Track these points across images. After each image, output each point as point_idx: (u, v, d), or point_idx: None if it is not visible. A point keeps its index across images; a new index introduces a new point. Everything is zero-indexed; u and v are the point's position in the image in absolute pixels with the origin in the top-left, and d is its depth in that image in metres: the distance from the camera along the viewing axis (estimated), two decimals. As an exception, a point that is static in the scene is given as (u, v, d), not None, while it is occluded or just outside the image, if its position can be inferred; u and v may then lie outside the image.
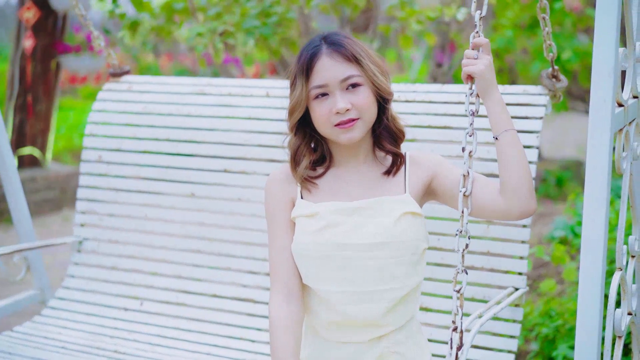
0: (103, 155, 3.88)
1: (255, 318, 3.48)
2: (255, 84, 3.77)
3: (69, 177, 8.37)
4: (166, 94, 3.86)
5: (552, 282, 4.18)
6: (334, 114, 2.41)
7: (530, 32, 6.89)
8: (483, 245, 3.16)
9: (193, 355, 3.37)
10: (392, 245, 2.39)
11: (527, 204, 2.35)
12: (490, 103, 2.41)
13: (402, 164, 2.51)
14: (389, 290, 2.41)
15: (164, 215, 3.73)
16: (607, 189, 2.25)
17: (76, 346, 3.44)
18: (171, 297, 3.64)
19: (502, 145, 2.39)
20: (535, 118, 3.18)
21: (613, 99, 2.27)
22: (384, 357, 2.46)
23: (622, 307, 2.55)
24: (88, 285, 3.80)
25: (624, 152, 2.47)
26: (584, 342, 2.24)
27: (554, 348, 3.87)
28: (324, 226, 2.41)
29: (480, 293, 3.16)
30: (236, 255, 3.58)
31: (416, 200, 2.47)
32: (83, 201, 3.89)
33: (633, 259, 2.70)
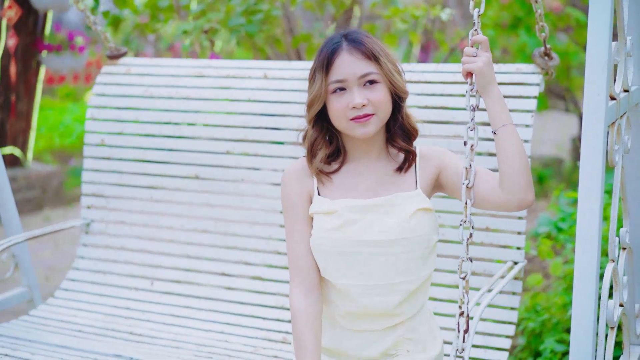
0: (105, 139, 3.96)
1: (264, 295, 3.61)
2: (253, 65, 3.84)
3: (50, 177, 8.33)
4: (165, 77, 3.93)
5: (539, 276, 4.26)
6: (350, 109, 2.50)
7: (511, 32, 6.94)
8: (482, 222, 3.29)
9: (207, 334, 3.51)
10: (406, 241, 2.52)
11: (525, 196, 2.47)
12: (489, 99, 2.51)
13: (414, 160, 2.62)
14: (404, 282, 2.54)
15: (169, 197, 3.83)
16: (601, 181, 2.35)
17: (92, 329, 3.57)
18: (181, 276, 3.76)
19: (500, 140, 2.49)
20: (529, 97, 3.29)
21: (607, 92, 2.36)
22: (398, 344, 2.61)
23: (615, 299, 2.65)
24: (97, 266, 3.92)
25: (617, 145, 2.57)
26: (579, 333, 2.33)
27: (541, 342, 3.96)
28: (341, 224, 2.52)
29: (481, 267, 3.30)
30: (242, 235, 3.70)
31: (426, 194, 2.59)
32: (88, 184, 3.98)
33: (624, 251, 2.80)
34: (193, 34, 4.26)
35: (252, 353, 3.35)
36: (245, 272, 3.67)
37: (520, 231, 3.26)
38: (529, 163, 2.48)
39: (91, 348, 3.31)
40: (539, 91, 3.31)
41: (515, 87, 3.31)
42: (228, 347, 3.40)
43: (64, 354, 3.24)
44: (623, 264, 2.72)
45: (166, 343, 3.43)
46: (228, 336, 3.50)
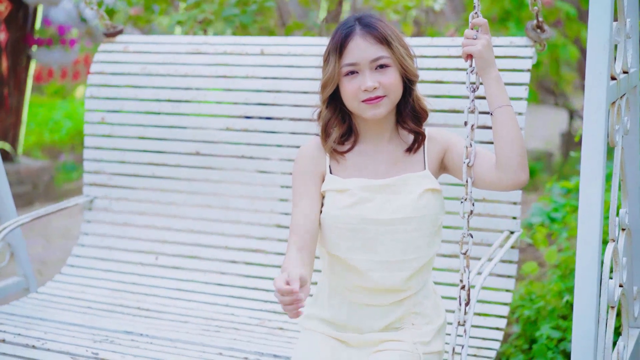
0: (106, 117, 4.02)
1: (268, 268, 3.70)
2: (250, 42, 3.89)
3: (41, 172, 8.29)
4: (163, 54, 3.98)
5: (534, 264, 4.32)
6: (362, 91, 2.60)
7: (500, 26, 6.96)
8: (479, 193, 3.38)
9: (213, 307, 3.61)
10: (415, 220, 2.63)
11: (518, 176, 2.55)
12: (487, 81, 2.59)
13: (423, 141, 2.71)
14: (413, 259, 2.66)
15: (171, 173, 3.90)
16: (603, 160, 2.41)
17: (101, 305, 3.66)
18: (185, 250, 3.85)
19: (497, 121, 2.58)
20: (522, 70, 3.35)
21: (608, 71, 2.43)
22: (404, 318, 2.72)
23: (615, 279, 2.73)
24: (103, 242, 3.99)
25: (617, 125, 2.63)
26: (582, 313, 2.41)
27: (537, 329, 4.02)
28: (354, 202, 2.63)
29: (478, 237, 3.39)
30: (244, 209, 3.78)
31: (434, 174, 2.70)
32: (90, 161, 4.05)
33: (623, 232, 2.87)
34: (187, 24, 4.30)
35: (258, 325, 3.45)
36: (248, 246, 3.76)
37: (516, 201, 3.35)
38: (524, 144, 2.56)
39: (102, 325, 3.40)
40: (532, 63, 3.38)
41: (508, 60, 3.38)
42: (235, 320, 3.50)
43: (75, 332, 3.32)
44: (623, 245, 2.79)
45: (174, 317, 3.53)
46: (234, 309, 3.59)
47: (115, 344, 3.20)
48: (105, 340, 3.24)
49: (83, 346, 3.15)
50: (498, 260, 2.97)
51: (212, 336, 3.32)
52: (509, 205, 3.36)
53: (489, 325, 3.32)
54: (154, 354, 3.11)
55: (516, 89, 3.32)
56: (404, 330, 2.72)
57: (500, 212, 3.38)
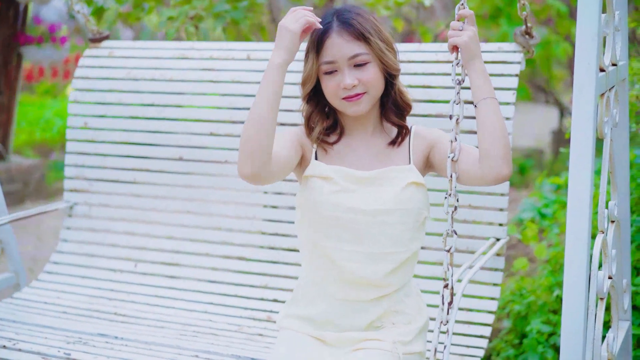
0: (88, 122, 3.96)
1: (249, 275, 3.62)
2: (237, 47, 3.85)
3: (31, 170, 8.26)
4: (148, 59, 3.93)
5: (524, 260, 4.31)
6: (341, 89, 2.57)
7: (492, 22, 7.00)
8: (465, 199, 3.32)
9: (191, 314, 3.52)
10: (398, 212, 2.58)
11: (501, 169, 2.50)
12: (473, 73, 2.55)
13: (407, 135, 2.68)
14: (393, 253, 2.59)
15: (153, 179, 3.83)
16: (592, 151, 2.38)
17: (76, 310, 3.57)
18: (165, 257, 3.76)
19: (481, 113, 2.53)
20: (510, 75, 3.32)
21: (597, 63, 2.41)
22: (384, 316, 2.65)
23: (604, 270, 2.69)
24: (81, 249, 3.91)
25: (606, 117, 2.60)
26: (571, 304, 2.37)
27: (527, 324, 4.01)
28: (338, 190, 2.59)
29: (464, 244, 3.33)
30: (225, 215, 3.71)
31: (419, 171, 2.65)
32: (71, 167, 3.97)
33: (612, 224, 2.83)
34: (178, 19, 4.26)
35: (237, 332, 3.37)
36: (230, 253, 3.68)
37: (503, 208, 3.29)
38: (508, 137, 2.52)
39: (75, 328, 3.31)
40: (520, 69, 3.34)
41: (497, 65, 3.34)
42: (213, 327, 3.41)
43: (48, 334, 3.24)
44: (612, 237, 2.76)
45: (151, 323, 3.44)
46: (212, 316, 3.51)
47: (89, 346, 3.11)
48: (79, 342, 3.15)
49: (55, 347, 3.07)
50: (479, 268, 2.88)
51: (189, 340, 3.23)
52: (495, 211, 3.30)
53: (472, 333, 3.24)
54: (128, 355, 3.02)
55: (504, 93, 3.28)
56: (384, 330, 2.65)
57: (486, 219, 3.31)
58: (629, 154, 3.09)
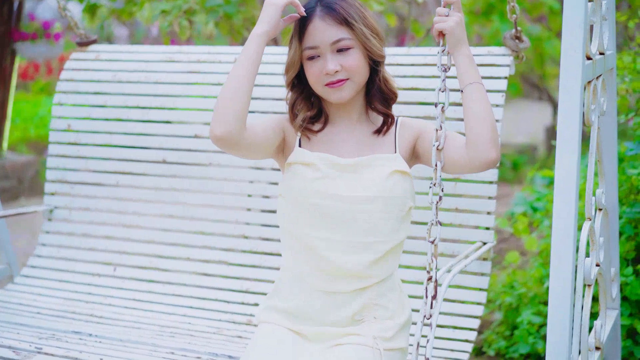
0: (72, 124, 3.90)
1: (229, 280, 3.54)
2: (224, 51, 3.81)
3: (26, 167, 8.24)
4: (135, 62, 3.89)
5: (516, 254, 4.34)
6: (324, 75, 2.52)
7: (485, 19, 7.04)
8: (451, 202, 3.26)
9: (170, 317, 3.43)
10: (381, 200, 2.50)
11: (489, 153, 2.44)
12: (459, 58, 2.52)
13: (392, 124, 2.62)
14: (375, 242, 2.51)
15: (135, 182, 3.76)
16: (578, 137, 2.37)
17: (52, 311, 3.49)
18: (145, 261, 3.68)
19: (467, 97, 2.49)
20: (500, 78, 3.28)
21: (583, 50, 2.39)
22: (366, 308, 2.56)
23: (591, 257, 2.65)
24: (60, 253, 3.83)
25: (593, 105, 2.57)
26: (558, 290, 2.33)
27: (518, 315, 4.02)
28: (319, 177, 2.52)
29: (450, 248, 3.26)
30: (208, 219, 3.64)
31: (405, 160, 2.59)
32: (53, 170, 3.91)
33: (600, 212, 2.81)
34: (172, 13, 4.22)
35: (216, 333, 3.28)
36: (211, 257, 3.60)
37: (490, 211, 3.23)
38: (495, 121, 2.47)
39: (49, 326, 3.22)
40: (510, 73, 3.31)
41: (486, 68, 3.31)
42: (191, 329, 3.33)
43: (20, 330, 3.15)
44: (599, 224, 2.72)
45: (127, 324, 3.35)
46: (191, 319, 3.42)
47: (62, 341, 3.03)
48: (51, 337, 3.07)
49: (27, 342, 2.99)
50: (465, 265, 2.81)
51: (165, 340, 3.14)
52: (482, 215, 3.23)
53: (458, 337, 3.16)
54: (101, 351, 2.94)
55: (494, 95, 3.24)
56: (365, 324, 2.56)
57: (473, 223, 3.25)
58: (617, 143, 3.08)
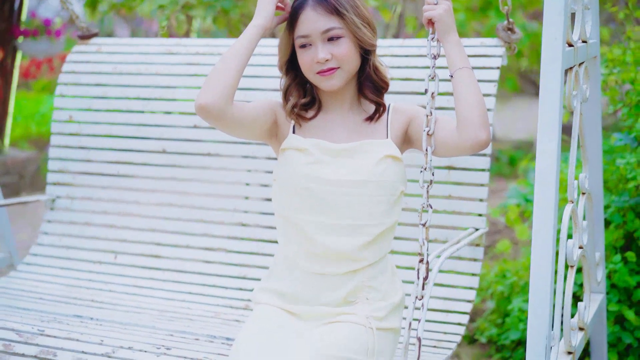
0: (74, 115, 3.98)
1: (228, 266, 3.61)
2: (222, 43, 3.89)
3: (27, 163, 8.29)
4: (135, 55, 3.97)
5: (507, 242, 4.41)
6: (315, 63, 2.60)
7: (482, 15, 7.10)
8: (445, 190, 3.33)
9: (169, 302, 3.50)
10: (372, 184, 2.58)
11: (479, 135, 2.52)
12: (448, 45, 2.60)
13: (384, 112, 2.70)
14: (366, 226, 2.58)
15: (136, 172, 3.84)
16: (558, 121, 2.43)
17: (54, 297, 3.56)
18: (145, 249, 3.75)
19: (456, 82, 2.58)
20: (492, 68, 3.35)
21: (563, 37, 2.46)
22: (359, 290, 2.62)
23: (574, 239, 2.72)
24: (61, 242, 3.90)
25: (574, 91, 2.64)
26: (538, 269, 2.39)
27: (509, 303, 4.09)
28: (311, 162, 2.60)
29: (443, 235, 3.33)
30: (207, 208, 3.71)
31: (397, 145, 2.66)
32: (55, 160, 3.98)
33: (583, 196, 2.88)
34: (169, 8, 4.29)
35: (214, 317, 3.36)
36: (210, 245, 3.67)
37: (482, 198, 3.29)
38: (484, 104, 2.55)
39: (51, 310, 3.30)
40: (502, 63, 3.38)
41: (479, 59, 3.38)
42: (190, 313, 3.40)
43: (23, 314, 3.22)
44: (582, 207, 2.79)
45: (128, 309, 3.43)
46: (190, 304, 3.50)
47: (63, 324, 3.10)
48: (53, 320, 3.14)
49: (29, 324, 3.04)
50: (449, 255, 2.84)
51: (164, 323, 3.21)
52: (475, 202, 3.30)
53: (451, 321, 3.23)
54: (102, 333, 3.00)
55: (486, 85, 3.31)
56: (357, 305, 2.63)
57: (466, 209, 3.32)
58: (601, 131, 3.14)
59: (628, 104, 3.70)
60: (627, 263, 3.62)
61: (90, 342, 2.86)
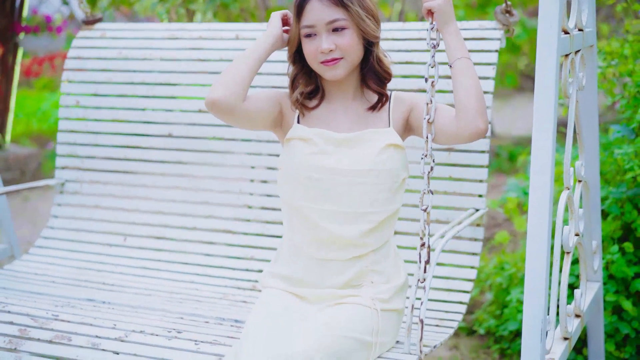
0: (80, 100, 4.04)
1: (234, 248, 3.70)
2: (225, 28, 3.95)
3: (28, 159, 8.34)
4: (140, 40, 4.03)
5: (505, 233, 4.46)
6: (319, 53, 2.67)
7: (481, 12, 7.11)
8: (445, 171, 3.40)
9: (177, 284, 3.60)
10: (375, 173, 2.66)
11: (476, 123, 2.60)
12: (447, 34, 2.66)
13: (386, 102, 2.77)
14: (369, 213, 2.67)
15: (143, 155, 3.92)
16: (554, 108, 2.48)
17: (66, 280, 3.65)
18: (153, 231, 3.84)
19: (456, 72, 2.65)
20: (490, 51, 3.41)
21: (559, 23, 2.51)
22: (363, 274, 2.72)
23: (570, 226, 2.78)
24: (71, 225, 3.99)
25: (570, 78, 2.70)
26: (534, 252, 2.45)
27: (508, 295, 4.14)
28: (315, 152, 2.68)
29: (444, 215, 3.41)
30: (213, 190, 3.79)
31: (399, 133, 2.73)
32: (63, 145, 4.06)
33: (579, 184, 2.93)
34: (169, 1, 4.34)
35: (222, 299, 3.44)
36: (216, 226, 3.76)
37: (482, 179, 3.37)
38: (482, 93, 2.62)
39: (64, 294, 3.39)
40: (500, 46, 3.44)
41: (477, 42, 3.43)
42: (198, 294, 3.49)
43: (36, 298, 3.31)
44: (579, 195, 2.84)
45: (137, 291, 3.52)
46: (198, 285, 3.59)
47: (76, 309, 3.17)
48: (67, 305, 3.22)
49: (43, 309, 3.12)
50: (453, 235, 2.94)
51: (174, 305, 3.30)
52: (474, 183, 3.38)
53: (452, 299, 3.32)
54: (115, 317, 3.08)
55: (485, 68, 3.37)
56: (362, 288, 2.72)
57: (466, 190, 3.39)
58: (597, 120, 3.19)
59: (626, 95, 3.74)
60: (624, 254, 3.67)
61: (104, 326, 2.94)
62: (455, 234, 2.89)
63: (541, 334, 2.37)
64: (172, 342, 2.82)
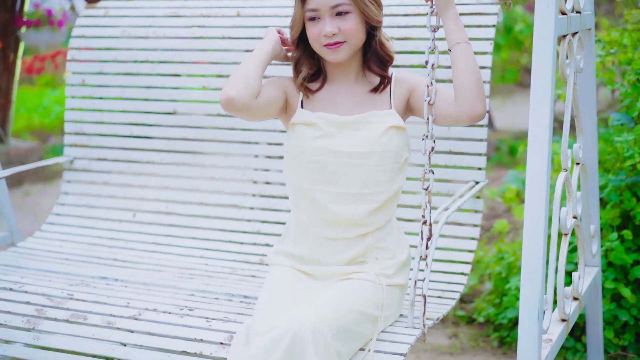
0: (86, 79, 4.12)
1: (241, 222, 3.80)
2: (227, 4, 4.00)
3: (30, 153, 8.36)
4: (142, 18, 4.09)
5: (504, 221, 4.53)
6: (322, 36, 2.74)
7: None
8: (446, 145, 3.48)
9: (187, 259, 3.70)
10: (377, 155, 2.75)
11: (475, 106, 2.68)
12: (447, 19, 2.72)
13: (388, 84, 2.84)
14: (373, 193, 2.77)
15: (148, 132, 4.00)
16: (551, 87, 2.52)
17: (78, 257, 3.75)
18: (161, 207, 3.94)
19: (455, 56, 2.71)
20: (488, 26, 3.47)
21: (556, 5, 2.55)
22: (368, 251, 2.82)
23: (567, 208, 2.84)
24: (82, 201, 4.08)
25: (568, 59, 2.75)
26: (531, 236, 2.51)
27: (507, 283, 4.20)
28: (319, 135, 2.77)
29: (445, 188, 3.50)
30: (218, 166, 3.88)
31: (400, 114, 2.81)
32: (71, 123, 4.14)
33: (577, 166, 2.99)
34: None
35: (231, 274, 3.55)
36: (223, 201, 3.85)
37: (481, 152, 3.45)
38: (481, 77, 2.68)
39: (77, 272, 3.49)
40: (498, 20, 3.49)
41: (474, 17, 3.49)
42: (208, 270, 3.59)
43: (51, 277, 3.41)
44: (576, 177, 2.89)
45: (149, 267, 3.62)
46: (207, 260, 3.69)
47: (90, 287, 3.28)
48: (81, 283, 3.32)
49: (58, 289, 3.23)
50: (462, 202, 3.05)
51: (185, 281, 3.41)
52: (474, 156, 3.46)
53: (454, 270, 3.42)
54: (128, 294, 3.19)
55: (482, 43, 3.43)
56: (367, 264, 2.82)
57: (466, 164, 3.47)
58: (595, 103, 3.23)
59: (625, 84, 3.78)
60: (623, 241, 3.73)
61: (118, 305, 3.05)
62: (460, 204, 2.99)
63: (538, 313, 2.45)
64: (184, 319, 2.92)
